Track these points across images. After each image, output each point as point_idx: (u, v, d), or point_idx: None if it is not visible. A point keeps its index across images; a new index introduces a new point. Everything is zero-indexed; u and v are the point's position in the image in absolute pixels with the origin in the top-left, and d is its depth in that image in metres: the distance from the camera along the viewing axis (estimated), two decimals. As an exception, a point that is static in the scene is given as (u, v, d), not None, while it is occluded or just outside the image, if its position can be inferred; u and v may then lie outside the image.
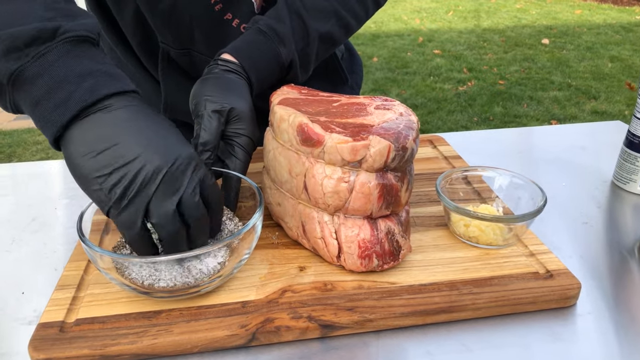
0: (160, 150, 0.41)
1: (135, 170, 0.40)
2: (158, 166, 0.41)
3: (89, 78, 0.41)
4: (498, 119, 3.03)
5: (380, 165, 0.46)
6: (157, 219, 0.41)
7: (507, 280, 0.48)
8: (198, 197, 0.43)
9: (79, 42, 0.42)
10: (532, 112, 3.09)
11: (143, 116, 0.43)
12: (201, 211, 0.43)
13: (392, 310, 0.45)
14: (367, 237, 0.48)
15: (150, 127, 0.42)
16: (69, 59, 0.41)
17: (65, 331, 0.43)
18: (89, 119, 0.41)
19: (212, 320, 0.44)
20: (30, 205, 0.66)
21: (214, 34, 0.68)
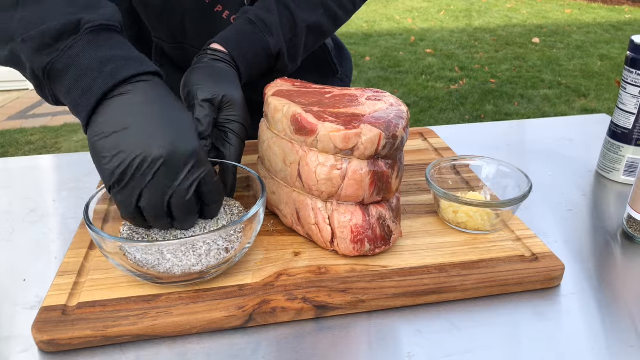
0: (165, 141, 0.43)
1: (135, 156, 0.42)
2: (158, 157, 0.42)
3: (109, 64, 0.43)
4: (489, 117, 3.06)
5: (371, 153, 0.48)
6: (145, 205, 0.44)
7: (495, 262, 0.50)
8: (191, 195, 0.44)
9: (101, 31, 0.45)
10: (523, 110, 3.13)
11: (158, 101, 0.45)
12: (189, 209, 0.45)
13: (383, 291, 0.47)
14: (359, 223, 0.50)
15: (163, 114, 0.44)
16: (92, 48, 0.44)
17: (68, 314, 0.44)
18: (110, 103, 0.43)
19: (210, 302, 0.45)
20: (28, 197, 0.67)
21: (205, 27, 0.70)
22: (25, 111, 3.34)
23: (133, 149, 0.42)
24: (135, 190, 0.43)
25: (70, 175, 0.72)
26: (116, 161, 0.42)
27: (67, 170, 0.74)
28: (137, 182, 0.43)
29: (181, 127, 0.44)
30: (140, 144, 0.42)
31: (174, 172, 0.43)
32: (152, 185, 0.43)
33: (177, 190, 0.44)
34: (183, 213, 0.45)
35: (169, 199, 0.44)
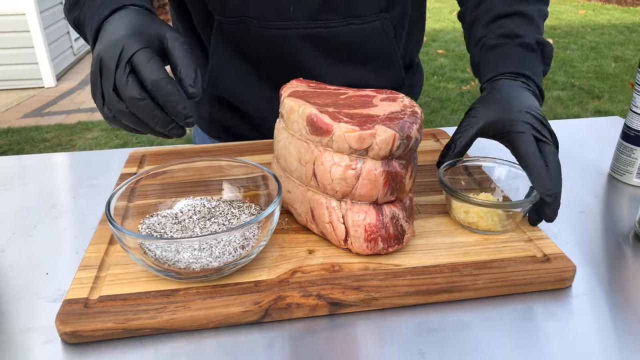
0: (106, 43, 0.51)
1: (92, 64, 0.51)
2: (98, 58, 0.51)
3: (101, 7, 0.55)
4: (501, 118, 3.05)
5: (385, 153, 0.49)
6: (107, 101, 0.50)
7: (506, 263, 0.51)
8: (125, 78, 0.48)
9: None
10: (535, 112, 3.11)
11: (125, 19, 0.53)
12: (131, 89, 0.48)
13: (396, 289, 0.47)
14: (373, 222, 0.51)
15: (120, 26, 0.52)
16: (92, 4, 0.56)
17: (90, 307, 0.46)
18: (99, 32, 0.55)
19: (227, 297, 0.47)
20: (49, 193, 0.69)
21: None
22: (41, 109, 3.39)
23: (96, 55, 0.51)
24: (97, 92, 0.51)
25: (88, 173, 0.74)
26: (91, 75, 0.52)
27: (84, 168, 0.75)
28: (96, 85, 0.51)
29: (125, 30, 0.51)
30: (96, 54, 0.51)
31: (109, 62, 0.49)
32: (104, 78, 0.50)
33: (116, 76, 0.49)
34: (129, 95, 0.49)
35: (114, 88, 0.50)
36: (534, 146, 0.55)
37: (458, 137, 0.61)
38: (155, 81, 0.48)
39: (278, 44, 0.73)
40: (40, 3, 3.75)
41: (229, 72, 0.79)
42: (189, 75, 0.50)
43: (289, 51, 0.74)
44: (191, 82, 0.50)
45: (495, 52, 0.65)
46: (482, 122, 0.59)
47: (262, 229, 0.49)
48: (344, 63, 0.76)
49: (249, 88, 0.80)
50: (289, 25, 0.72)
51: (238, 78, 0.79)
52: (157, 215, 0.55)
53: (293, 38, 0.73)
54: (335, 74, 0.75)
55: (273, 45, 0.73)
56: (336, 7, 0.71)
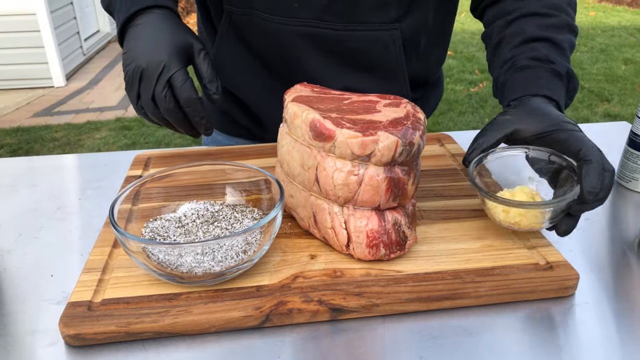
0: (146, 54, 0.59)
1: (130, 68, 0.59)
2: (139, 67, 0.58)
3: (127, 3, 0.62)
4: (509, 120, 3.03)
5: (388, 160, 0.49)
6: (142, 102, 0.60)
7: (508, 270, 0.51)
8: (165, 91, 0.58)
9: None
10: (543, 114, 3.09)
11: (158, 25, 0.61)
12: (167, 103, 0.58)
13: (397, 296, 0.47)
14: (375, 228, 0.51)
15: (154, 34, 0.60)
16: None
17: (93, 310, 0.46)
18: (128, 30, 0.62)
19: (229, 302, 0.47)
20: (55, 195, 0.70)
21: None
22: (50, 108, 3.42)
23: (131, 62, 0.59)
24: (134, 92, 0.60)
25: (94, 175, 0.74)
26: (125, 71, 0.60)
27: (90, 170, 0.76)
28: (134, 87, 0.60)
29: (162, 42, 0.59)
30: (135, 58, 0.59)
31: (151, 75, 0.58)
32: (143, 88, 0.59)
33: (155, 89, 0.58)
34: (164, 106, 0.59)
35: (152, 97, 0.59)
36: (591, 141, 0.53)
37: (489, 133, 0.58)
38: (188, 99, 0.59)
39: (280, 39, 0.74)
40: (51, 3, 3.79)
41: (233, 62, 0.80)
42: (212, 84, 0.62)
43: (288, 47, 0.74)
44: (214, 90, 0.62)
45: (526, 72, 0.63)
46: (517, 123, 0.57)
47: (264, 234, 0.50)
48: (343, 67, 0.75)
49: (250, 79, 0.81)
50: (292, 22, 0.72)
51: (240, 68, 0.80)
52: (160, 218, 0.56)
53: (294, 35, 0.73)
54: (334, 76, 0.75)
55: (275, 39, 0.74)
56: (339, 10, 0.71)
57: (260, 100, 0.82)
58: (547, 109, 0.58)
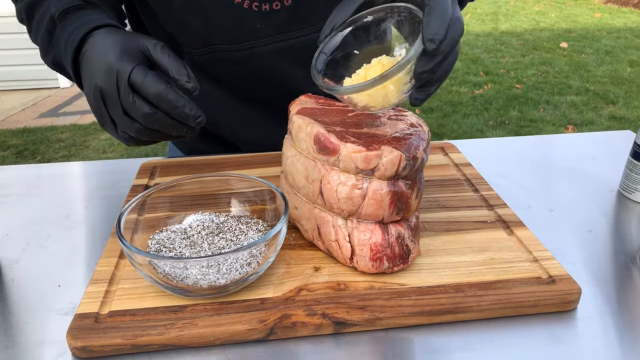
0: (97, 72, 0.53)
1: (91, 97, 0.54)
2: (97, 88, 0.53)
3: (71, 36, 0.57)
4: (514, 123, 3.03)
5: (391, 174, 0.50)
6: (120, 126, 0.54)
7: (511, 284, 0.51)
8: (132, 97, 0.51)
9: (66, 15, 0.59)
10: (548, 117, 3.09)
11: (101, 41, 0.54)
12: (140, 109, 0.51)
13: (401, 309, 0.48)
14: (378, 241, 0.51)
15: (100, 50, 0.53)
16: (63, 32, 0.58)
17: (100, 322, 0.47)
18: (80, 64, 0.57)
19: (234, 315, 0.47)
20: (62, 203, 0.70)
21: (229, 21, 0.69)
22: (56, 109, 3.44)
23: (89, 90, 0.54)
24: (106, 120, 0.54)
25: (100, 183, 0.75)
26: (90, 104, 0.54)
27: (97, 178, 0.77)
28: (102, 114, 0.54)
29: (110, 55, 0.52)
30: (90, 83, 0.53)
31: (111, 90, 0.52)
32: (111, 109, 0.53)
33: (122, 101, 0.52)
34: (140, 113, 0.51)
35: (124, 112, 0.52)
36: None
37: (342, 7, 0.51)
38: (157, 94, 0.51)
39: (249, 65, 0.73)
40: (57, 4, 3.80)
41: (204, 101, 0.77)
42: (181, 73, 0.52)
43: (264, 68, 0.73)
44: (186, 79, 0.52)
45: None
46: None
47: (269, 247, 0.50)
48: None
49: (227, 113, 0.80)
50: (259, 44, 0.71)
51: (214, 105, 0.79)
52: (166, 230, 0.56)
53: (267, 55, 0.72)
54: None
55: (247, 65, 0.73)
56: (303, 16, 0.70)
57: (242, 131, 0.82)
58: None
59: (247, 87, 0.78)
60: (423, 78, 0.46)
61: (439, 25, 0.43)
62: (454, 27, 0.45)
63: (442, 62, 0.45)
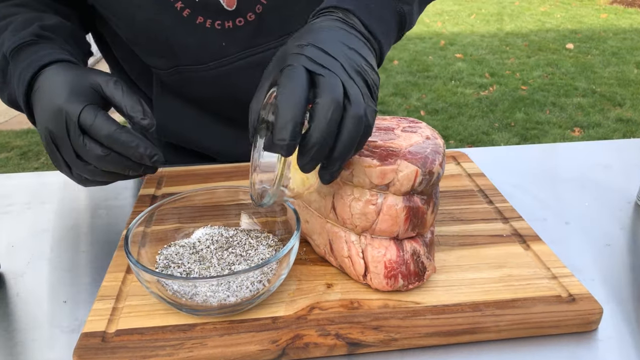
0: (46, 114, 0.50)
1: (44, 142, 0.52)
2: (47, 131, 0.51)
3: (22, 74, 0.54)
4: (519, 125, 3.01)
5: (407, 189, 0.48)
6: (75, 169, 0.52)
7: (530, 303, 0.49)
8: (81, 139, 0.49)
9: (18, 52, 0.56)
10: (554, 119, 3.07)
11: (51, 79, 0.52)
12: (91, 151, 0.50)
13: (416, 330, 0.46)
14: (393, 258, 0.50)
15: (49, 89, 0.51)
16: (15, 69, 0.55)
17: (107, 341, 0.46)
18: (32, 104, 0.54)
19: (244, 334, 0.46)
20: (67, 214, 0.69)
21: (193, 42, 0.68)
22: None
23: (41, 135, 0.52)
24: (60, 164, 0.52)
25: (107, 193, 0.74)
26: (45, 149, 0.52)
27: (102, 188, 0.75)
28: (56, 158, 0.52)
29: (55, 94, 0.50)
30: (41, 127, 0.52)
31: (60, 133, 0.50)
32: (64, 152, 0.51)
33: (73, 144, 0.50)
34: (94, 155, 0.50)
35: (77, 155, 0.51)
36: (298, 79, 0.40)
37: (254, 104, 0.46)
38: (108, 135, 0.49)
39: (221, 82, 0.72)
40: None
41: (175, 119, 0.78)
42: (136, 110, 0.51)
43: (234, 86, 0.72)
44: (141, 116, 0.51)
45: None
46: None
47: (280, 263, 0.49)
48: None
49: (200, 129, 0.79)
50: (225, 62, 0.69)
51: (186, 122, 0.78)
52: (175, 244, 0.55)
53: (235, 71, 0.71)
54: None
55: (216, 83, 0.72)
56: (271, 28, 0.68)
57: (217, 146, 0.81)
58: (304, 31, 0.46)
59: (218, 104, 0.76)
60: (308, 169, 0.42)
61: (281, 128, 0.39)
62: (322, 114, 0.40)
63: (323, 150, 0.41)
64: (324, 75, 0.41)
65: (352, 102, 0.41)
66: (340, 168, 0.44)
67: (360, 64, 0.44)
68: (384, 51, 0.51)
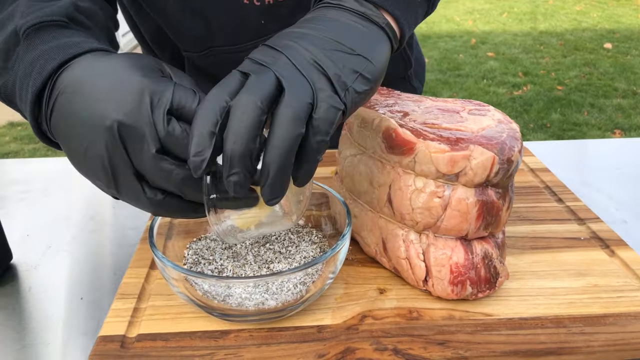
0: (104, 111, 0.34)
1: (97, 143, 0.34)
2: (113, 122, 0.34)
3: (39, 60, 0.38)
4: (555, 126, 2.88)
5: (481, 180, 0.41)
6: (149, 176, 0.35)
7: (625, 319, 0.41)
8: (175, 126, 0.34)
9: (37, 31, 0.40)
10: (593, 121, 2.93)
11: (92, 78, 0.36)
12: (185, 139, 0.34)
13: (490, 347, 0.39)
14: (460, 261, 0.42)
15: (93, 90, 0.35)
16: (28, 54, 0.39)
17: (127, 347, 0.39)
18: (54, 111, 0.37)
19: (285, 345, 0.39)
20: (88, 203, 0.64)
21: (230, 20, 0.63)
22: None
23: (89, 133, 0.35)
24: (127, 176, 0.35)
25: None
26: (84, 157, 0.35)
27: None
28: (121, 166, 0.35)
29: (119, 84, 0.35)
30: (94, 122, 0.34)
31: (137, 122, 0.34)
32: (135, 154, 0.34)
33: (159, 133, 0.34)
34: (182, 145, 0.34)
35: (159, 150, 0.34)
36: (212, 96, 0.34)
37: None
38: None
39: None
40: None
41: None
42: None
43: None
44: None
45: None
46: None
47: (327, 264, 0.42)
48: None
49: None
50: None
51: None
52: (205, 238, 0.48)
53: None
54: None
55: None
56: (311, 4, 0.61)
57: None
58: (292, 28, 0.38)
59: None
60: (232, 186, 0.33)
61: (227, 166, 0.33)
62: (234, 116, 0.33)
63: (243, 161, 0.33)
64: (252, 73, 0.34)
65: (286, 96, 0.33)
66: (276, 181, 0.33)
67: (329, 55, 0.35)
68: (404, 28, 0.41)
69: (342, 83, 0.35)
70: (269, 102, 0.33)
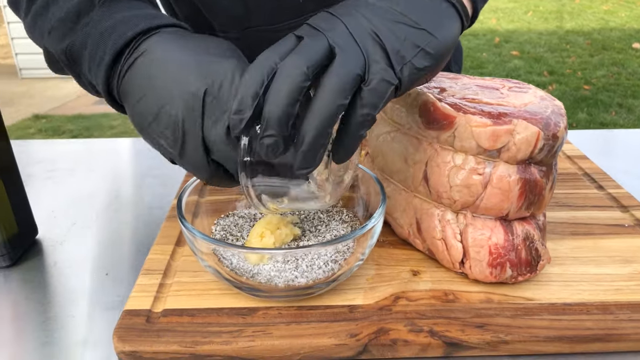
0: (192, 77, 0.35)
1: (173, 105, 0.35)
2: (193, 94, 0.34)
3: (120, 26, 0.38)
4: (582, 126, 2.81)
5: (524, 157, 0.38)
6: (214, 148, 0.35)
7: (677, 308, 0.39)
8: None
9: (114, 1, 0.40)
10: (621, 121, 2.85)
11: (177, 48, 0.37)
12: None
13: (532, 332, 0.37)
14: (500, 242, 0.40)
15: (183, 57, 0.36)
16: (105, 19, 0.39)
17: (152, 322, 0.38)
18: (130, 71, 0.37)
19: (316, 324, 0.38)
20: (113, 182, 0.63)
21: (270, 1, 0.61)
22: (110, 97, 3.47)
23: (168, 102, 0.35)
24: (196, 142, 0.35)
25: (154, 162, 0.67)
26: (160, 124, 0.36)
27: (150, 156, 0.69)
28: (192, 133, 0.35)
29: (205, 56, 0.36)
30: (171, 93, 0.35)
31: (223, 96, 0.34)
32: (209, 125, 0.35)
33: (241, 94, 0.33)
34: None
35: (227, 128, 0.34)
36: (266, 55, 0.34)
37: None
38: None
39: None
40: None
41: None
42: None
43: None
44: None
45: None
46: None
47: (359, 242, 0.40)
48: None
49: None
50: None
51: None
52: (233, 215, 0.47)
53: None
54: None
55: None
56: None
57: None
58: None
59: None
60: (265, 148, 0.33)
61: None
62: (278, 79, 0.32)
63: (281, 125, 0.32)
64: (306, 36, 0.33)
65: (335, 65, 0.32)
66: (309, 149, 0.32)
67: (390, 26, 0.34)
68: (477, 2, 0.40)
69: (400, 57, 0.33)
70: (316, 68, 0.32)
